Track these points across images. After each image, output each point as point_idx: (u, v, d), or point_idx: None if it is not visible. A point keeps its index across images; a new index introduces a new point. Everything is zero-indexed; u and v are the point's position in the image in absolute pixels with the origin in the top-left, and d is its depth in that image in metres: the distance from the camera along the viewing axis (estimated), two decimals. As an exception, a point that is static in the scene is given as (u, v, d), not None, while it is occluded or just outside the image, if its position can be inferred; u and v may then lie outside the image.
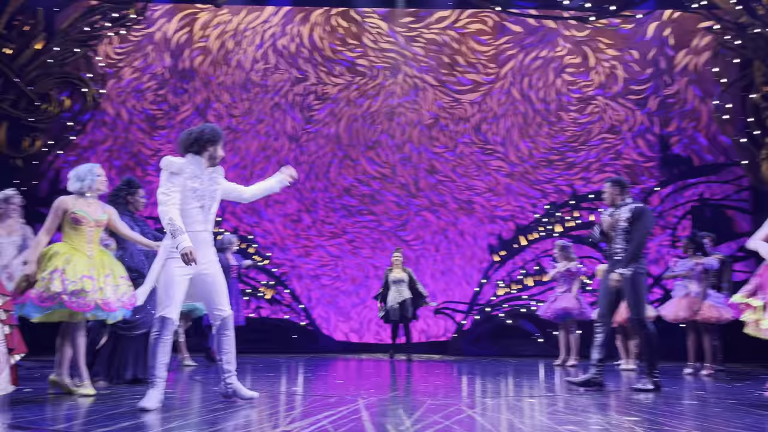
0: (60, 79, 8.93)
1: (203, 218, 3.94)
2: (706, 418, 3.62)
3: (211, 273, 3.99)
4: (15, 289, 4.17)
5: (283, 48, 10.45)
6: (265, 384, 5.29)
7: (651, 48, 10.16)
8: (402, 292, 8.43)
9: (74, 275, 4.11)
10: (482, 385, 5.42)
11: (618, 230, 5.09)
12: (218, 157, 4.01)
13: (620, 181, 5.25)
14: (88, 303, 4.12)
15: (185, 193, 3.86)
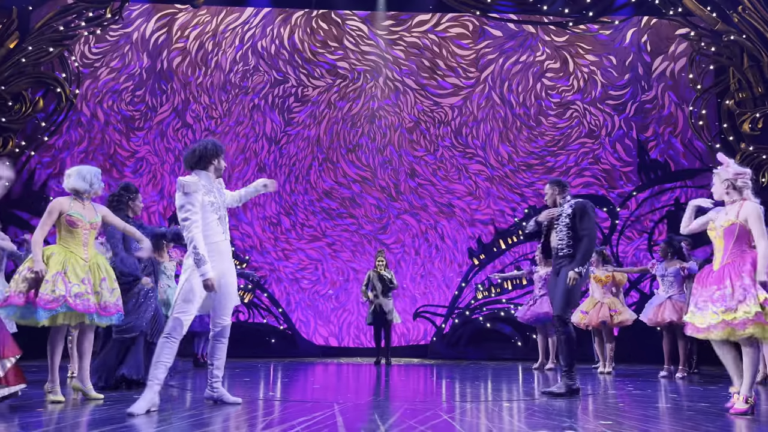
0: (34, 78, 8.77)
1: (222, 229, 4.13)
2: (678, 422, 3.64)
3: (227, 282, 4.15)
4: (22, 284, 4.14)
5: (263, 49, 10.39)
6: (241, 389, 5.23)
7: (629, 54, 10.28)
8: (385, 295, 8.45)
9: (75, 278, 4.19)
10: (460, 389, 5.41)
11: (560, 226, 5.06)
12: (222, 169, 4.20)
13: (560, 181, 5.28)
14: (91, 305, 4.20)
15: (204, 207, 4.02)
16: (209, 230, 4.03)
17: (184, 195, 3.97)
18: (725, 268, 3.93)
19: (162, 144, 10.12)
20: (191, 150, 4.14)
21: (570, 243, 4.99)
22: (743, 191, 4.03)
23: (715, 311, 3.84)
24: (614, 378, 6.63)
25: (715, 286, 3.91)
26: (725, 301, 3.81)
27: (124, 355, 5.04)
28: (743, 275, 3.82)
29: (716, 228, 4.06)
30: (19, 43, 8.53)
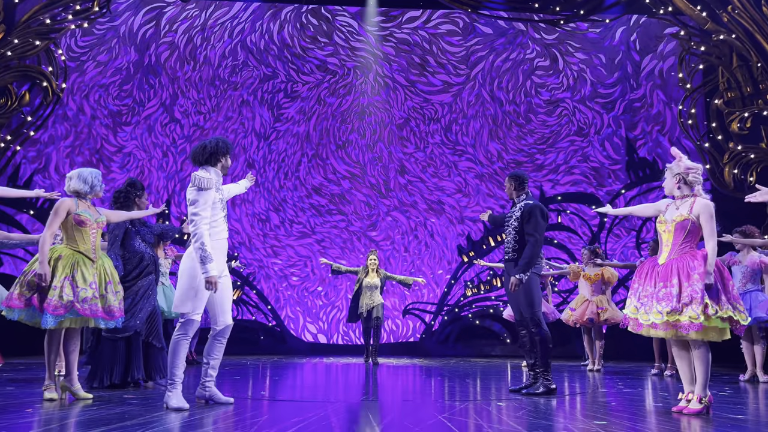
0: (20, 72, 8.62)
1: (226, 226, 4.15)
2: (670, 421, 3.66)
3: (226, 279, 4.16)
4: (24, 289, 4.15)
5: (252, 44, 10.30)
6: (230, 388, 5.19)
7: (618, 52, 10.33)
8: (374, 297, 7.85)
9: (83, 282, 4.19)
10: (452, 388, 5.41)
11: (509, 228, 4.95)
12: (228, 167, 4.20)
13: (519, 175, 5.07)
14: (98, 309, 4.23)
15: (215, 204, 4.01)
16: (217, 227, 4.04)
17: (197, 190, 3.95)
18: (673, 264, 3.85)
19: (150, 139, 10.01)
20: (201, 146, 4.10)
21: (515, 246, 4.88)
22: (694, 186, 3.98)
23: (660, 311, 3.77)
24: (603, 376, 6.66)
25: (662, 284, 3.83)
26: (671, 301, 3.74)
27: (128, 356, 4.99)
28: (693, 276, 3.74)
29: (666, 222, 3.98)
30: (4, 36, 8.37)
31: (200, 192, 3.94)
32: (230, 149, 4.17)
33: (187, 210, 4.00)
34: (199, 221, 3.90)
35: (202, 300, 3.99)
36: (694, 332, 3.71)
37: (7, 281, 7.22)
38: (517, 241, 4.89)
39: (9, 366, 6.68)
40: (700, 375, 3.85)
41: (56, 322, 4.11)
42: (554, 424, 3.55)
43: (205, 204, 3.93)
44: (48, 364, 4.33)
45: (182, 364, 3.99)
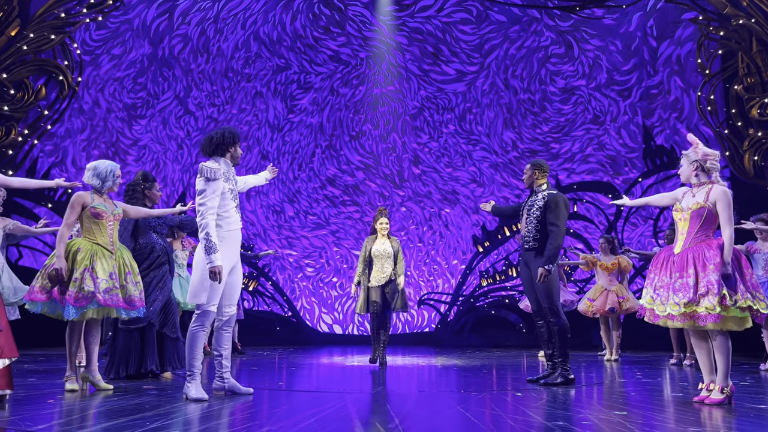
0: (36, 66, 8.68)
1: (239, 217, 4.15)
2: (692, 411, 3.63)
3: (237, 271, 4.18)
4: (45, 282, 4.21)
5: (265, 36, 10.28)
6: (247, 378, 5.22)
7: (634, 38, 10.18)
8: (386, 270, 6.27)
9: (103, 272, 4.24)
10: (468, 378, 5.40)
11: (530, 217, 4.90)
12: (238, 156, 4.19)
13: (542, 164, 5.03)
14: (120, 299, 4.27)
15: (225, 195, 4.02)
16: (229, 218, 4.05)
17: (205, 181, 3.96)
18: (688, 254, 3.80)
19: (164, 132, 10.05)
20: (208, 137, 4.11)
21: (537, 236, 4.84)
22: (711, 173, 3.92)
23: (677, 302, 3.72)
24: (621, 365, 6.62)
25: (678, 273, 3.78)
26: (687, 292, 3.69)
27: (142, 347, 5.03)
28: (709, 267, 3.69)
29: (683, 209, 3.92)
30: (20, 31, 8.43)
31: (207, 182, 3.95)
32: (237, 139, 4.14)
33: (195, 200, 4.03)
34: (204, 211, 3.91)
35: (217, 291, 4.00)
36: (712, 323, 3.66)
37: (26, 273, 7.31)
38: (539, 231, 4.85)
39: (30, 357, 6.77)
40: (720, 365, 3.80)
41: (79, 314, 4.16)
42: (573, 415, 3.53)
43: (212, 194, 3.94)
44: (69, 356, 4.38)
45: (200, 355, 4.02)
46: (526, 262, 4.96)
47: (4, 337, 3.67)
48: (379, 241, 6.37)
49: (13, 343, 3.74)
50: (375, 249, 6.32)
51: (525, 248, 4.95)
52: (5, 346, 3.67)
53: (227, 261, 4.01)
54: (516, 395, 4.26)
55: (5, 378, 3.68)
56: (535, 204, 4.91)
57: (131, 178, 10.03)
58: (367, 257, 6.33)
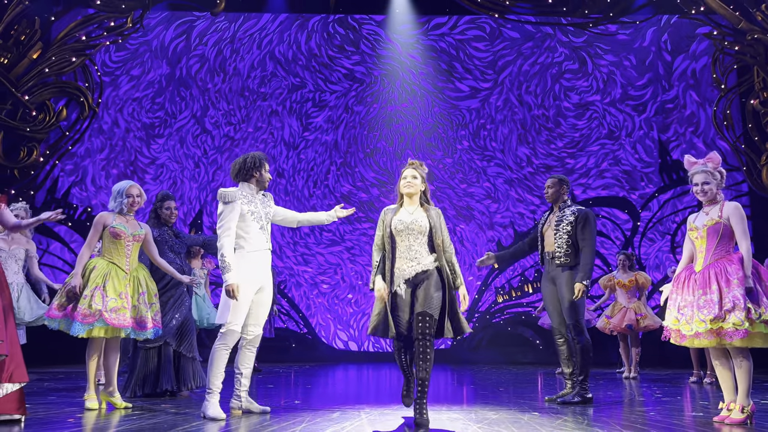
0: (57, 88, 8.87)
1: (265, 238, 4.21)
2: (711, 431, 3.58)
3: (266, 291, 4.24)
4: (63, 300, 4.30)
5: (281, 55, 10.42)
6: (264, 396, 5.24)
7: (649, 53, 10.17)
8: (418, 256, 3.82)
9: (113, 292, 4.31)
10: (485, 396, 5.37)
11: (560, 232, 4.86)
12: (266, 180, 4.28)
13: (565, 178, 5.06)
14: (127, 319, 4.31)
15: (244, 217, 4.12)
16: (251, 239, 4.13)
17: (223, 204, 4.11)
18: (710, 270, 3.78)
19: (182, 150, 10.19)
20: (234, 164, 4.28)
21: (568, 252, 4.82)
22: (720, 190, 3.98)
23: (702, 319, 3.68)
24: (640, 383, 6.54)
25: (701, 291, 3.75)
26: (713, 308, 3.65)
27: (158, 367, 5.07)
28: (733, 282, 3.66)
29: (697, 228, 3.91)
30: (42, 54, 8.63)
31: (225, 205, 4.10)
32: (261, 164, 4.23)
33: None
34: (221, 233, 4.06)
35: (240, 310, 4.05)
36: (739, 339, 3.62)
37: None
38: (570, 246, 4.83)
39: (50, 375, 6.84)
40: (741, 384, 3.75)
41: (84, 330, 4.22)
42: (592, 435, 3.50)
43: (229, 216, 4.06)
44: (89, 374, 4.43)
45: (220, 374, 4.05)
46: (553, 278, 4.91)
47: (15, 362, 3.67)
48: (406, 209, 3.95)
49: (23, 368, 3.71)
50: (398, 221, 3.89)
51: (556, 264, 4.88)
52: (15, 370, 3.67)
53: (251, 281, 4.07)
54: (533, 414, 4.23)
55: (15, 402, 3.66)
56: (564, 219, 4.89)
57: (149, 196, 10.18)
58: (387, 237, 3.89)
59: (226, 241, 4.04)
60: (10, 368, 3.64)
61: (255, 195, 4.23)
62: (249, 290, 4.07)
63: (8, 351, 3.62)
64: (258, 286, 4.13)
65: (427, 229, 3.87)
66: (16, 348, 3.73)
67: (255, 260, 4.11)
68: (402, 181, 4.01)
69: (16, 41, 8.50)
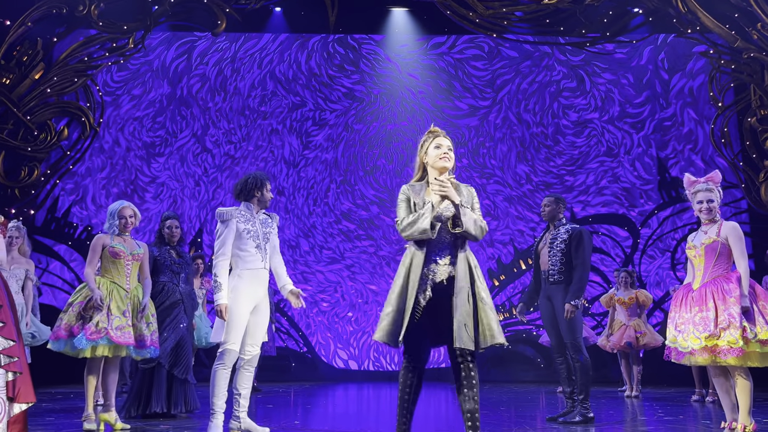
0: (59, 108, 8.93)
1: (261, 257, 4.19)
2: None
3: (263, 309, 4.22)
4: (73, 320, 4.31)
5: (281, 74, 10.50)
6: (263, 416, 5.20)
7: (646, 72, 10.25)
8: (458, 253, 3.18)
9: (117, 310, 4.34)
10: (487, 416, 5.33)
11: (554, 250, 4.90)
12: (267, 199, 4.29)
13: (561, 198, 5.10)
14: (131, 338, 4.34)
15: (241, 235, 4.14)
16: (247, 257, 4.14)
17: (220, 223, 4.16)
18: (707, 288, 3.80)
19: (182, 169, 10.22)
20: (235, 185, 4.34)
21: (562, 269, 4.84)
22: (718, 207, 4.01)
23: (698, 336, 3.70)
24: (642, 402, 6.50)
25: (697, 308, 3.78)
26: (708, 326, 3.67)
27: (149, 388, 5.04)
28: (729, 300, 3.68)
29: (696, 246, 3.95)
30: (44, 74, 8.70)
31: (221, 224, 4.15)
32: (262, 184, 4.25)
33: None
34: (216, 251, 4.12)
35: (236, 329, 4.04)
36: (734, 358, 3.62)
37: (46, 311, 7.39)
38: (564, 264, 4.84)
39: (48, 396, 6.80)
40: (742, 402, 3.74)
41: (89, 346, 4.22)
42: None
43: (225, 234, 4.10)
44: (87, 395, 4.41)
45: (223, 395, 4.03)
46: (549, 297, 4.93)
47: (22, 381, 3.65)
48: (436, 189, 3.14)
49: (30, 388, 3.70)
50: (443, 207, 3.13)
51: (550, 282, 4.90)
52: (22, 389, 3.65)
53: (246, 299, 4.07)
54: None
55: (21, 424, 3.62)
56: (558, 237, 4.92)
57: (149, 215, 10.17)
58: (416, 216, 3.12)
59: (220, 261, 4.07)
60: (19, 387, 3.62)
61: (255, 215, 4.25)
62: (244, 309, 4.06)
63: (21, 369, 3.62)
64: (253, 305, 4.12)
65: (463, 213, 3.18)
66: (25, 367, 3.73)
67: (250, 278, 4.11)
68: (435, 151, 3.27)
69: (18, 62, 8.57)
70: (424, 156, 3.29)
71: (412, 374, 3.09)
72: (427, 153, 3.29)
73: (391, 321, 2.98)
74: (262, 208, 4.28)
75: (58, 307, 8.45)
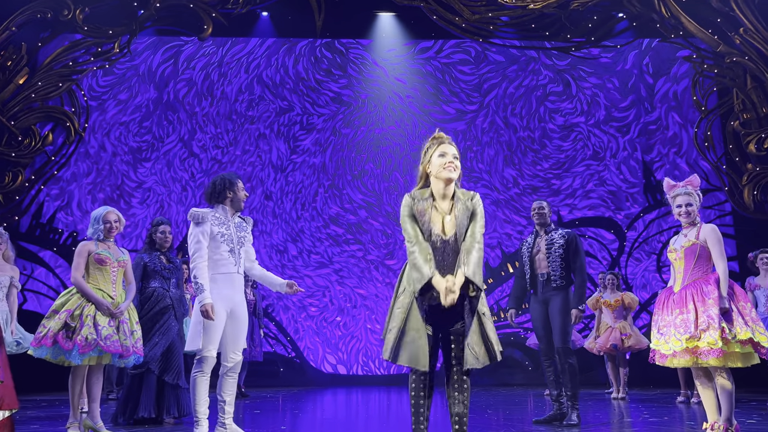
0: (43, 113, 8.87)
1: (234, 261, 4.14)
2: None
3: (239, 314, 4.15)
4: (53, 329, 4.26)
5: (268, 79, 10.49)
6: (251, 422, 5.18)
7: (631, 76, 10.35)
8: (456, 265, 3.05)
9: (103, 320, 4.31)
10: (475, 420, 5.35)
11: (553, 255, 4.95)
12: (241, 199, 4.23)
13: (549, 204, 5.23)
14: (118, 345, 4.32)
15: (214, 238, 4.10)
16: (221, 260, 4.09)
17: (194, 225, 4.11)
18: (687, 291, 3.85)
19: (169, 174, 10.17)
20: (205, 188, 4.29)
21: (563, 274, 4.92)
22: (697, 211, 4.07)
23: (679, 338, 3.74)
24: (628, 404, 6.54)
25: (678, 310, 3.82)
26: (688, 328, 3.72)
27: (138, 393, 5.01)
28: (708, 302, 3.72)
29: (676, 250, 4.00)
30: (28, 79, 8.64)
31: (195, 226, 4.10)
32: (231, 184, 4.19)
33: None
34: (193, 254, 4.05)
35: (212, 336, 3.99)
36: (714, 359, 3.66)
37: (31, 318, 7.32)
38: (564, 269, 4.93)
39: (32, 403, 6.73)
40: (724, 403, 3.78)
41: (82, 360, 4.22)
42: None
43: (199, 236, 4.06)
44: (72, 402, 4.37)
45: (204, 401, 4.00)
46: (545, 300, 4.96)
47: (5, 388, 3.62)
48: (441, 204, 3.13)
49: (14, 394, 3.67)
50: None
51: (552, 287, 4.93)
52: (6, 396, 3.62)
53: (220, 304, 4.01)
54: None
55: (7, 429, 3.63)
56: (555, 242, 4.99)
57: (136, 221, 10.11)
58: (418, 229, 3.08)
59: (198, 263, 4.02)
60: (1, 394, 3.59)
61: (229, 217, 4.20)
62: (220, 315, 4.00)
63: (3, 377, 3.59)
64: (228, 309, 4.06)
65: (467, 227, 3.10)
66: (7, 374, 3.71)
67: (223, 283, 4.06)
68: (439, 159, 3.08)
69: (2, 67, 8.50)
70: (428, 165, 3.11)
71: (423, 377, 3.05)
72: (430, 161, 3.10)
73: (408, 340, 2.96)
74: (236, 209, 4.22)
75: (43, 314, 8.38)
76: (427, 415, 3.06)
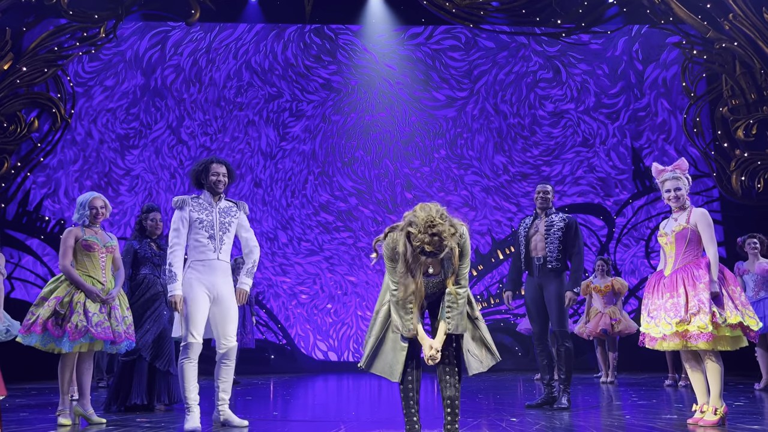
0: (29, 99, 8.74)
1: (214, 247, 4.10)
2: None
3: (225, 301, 4.11)
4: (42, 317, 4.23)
5: (257, 65, 10.40)
6: (243, 408, 5.18)
7: (621, 62, 10.36)
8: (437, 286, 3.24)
9: (94, 307, 4.28)
10: (465, 404, 5.37)
11: (551, 237, 4.97)
12: (212, 183, 4.16)
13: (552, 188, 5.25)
14: (109, 332, 4.29)
15: (192, 224, 4.08)
16: (199, 247, 4.07)
17: (175, 211, 4.11)
18: (678, 274, 3.87)
19: (157, 161, 10.09)
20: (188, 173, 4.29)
21: (559, 257, 4.94)
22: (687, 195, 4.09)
23: (669, 321, 3.77)
24: (618, 388, 6.61)
25: (668, 294, 3.85)
26: (678, 311, 3.74)
27: (130, 380, 4.99)
28: (699, 286, 3.75)
29: (667, 234, 4.02)
30: (13, 65, 8.50)
31: (176, 212, 4.10)
32: (206, 168, 4.16)
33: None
34: (170, 241, 4.05)
35: (194, 322, 3.97)
36: (704, 342, 3.69)
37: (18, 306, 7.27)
38: (561, 251, 4.95)
39: (21, 391, 6.69)
40: (713, 386, 3.82)
41: (72, 347, 4.19)
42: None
43: (177, 223, 4.05)
44: (62, 389, 4.35)
45: (193, 388, 3.99)
46: (542, 284, 4.97)
47: None
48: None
49: (1, 382, 3.66)
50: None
51: (548, 269, 4.94)
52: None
53: (200, 290, 3.99)
54: (511, 421, 4.25)
55: None
56: (555, 225, 5.00)
57: (124, 208, 10.03)
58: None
59: (174, 250, 4.01)
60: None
61: (214, 203, 4.17)
62: (200, 300, 3.98)
63: None
64: (210, 296, 4.04)
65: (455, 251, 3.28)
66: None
67: (202, 270, 4.03)
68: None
69: (-14, 52, 8.37)
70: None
71: (409, 367, 3.14)
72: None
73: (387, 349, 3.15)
74: (213, 194, 4.16)
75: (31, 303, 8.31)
76: (417, 399, 3.14)
